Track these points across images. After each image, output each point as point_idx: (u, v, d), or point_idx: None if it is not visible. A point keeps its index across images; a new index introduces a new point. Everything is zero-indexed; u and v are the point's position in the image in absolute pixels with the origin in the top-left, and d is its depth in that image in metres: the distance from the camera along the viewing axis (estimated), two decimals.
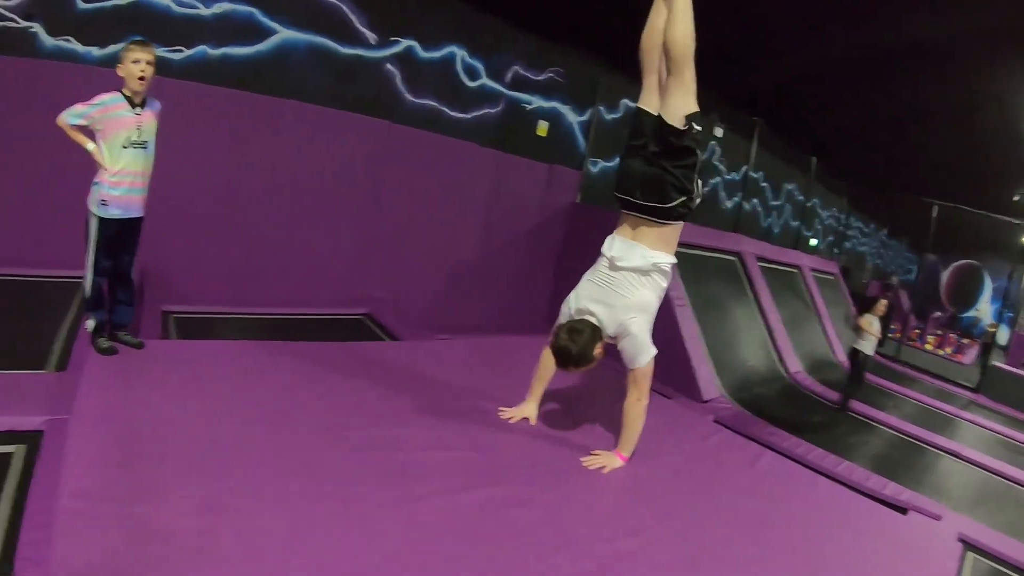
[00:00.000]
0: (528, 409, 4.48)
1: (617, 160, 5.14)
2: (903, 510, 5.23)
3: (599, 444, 4.28)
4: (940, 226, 16.53)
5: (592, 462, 4.02)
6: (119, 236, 4.46)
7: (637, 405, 4.08)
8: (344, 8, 8.55)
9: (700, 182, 3.98)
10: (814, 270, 13.88)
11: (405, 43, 9.09)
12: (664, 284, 4.08)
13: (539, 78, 10.52)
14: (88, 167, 4.34)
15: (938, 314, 26.39)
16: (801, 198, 18.63)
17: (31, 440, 3.51)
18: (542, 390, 4.51)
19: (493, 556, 2.91)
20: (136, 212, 4.52)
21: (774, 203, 18.13)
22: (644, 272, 3.96)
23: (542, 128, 10.71)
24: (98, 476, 2.89)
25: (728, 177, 15.50)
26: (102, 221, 4.34)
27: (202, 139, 7.48)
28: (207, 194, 7.64)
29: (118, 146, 4.30)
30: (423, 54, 9.27)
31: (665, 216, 3.90)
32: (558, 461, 3.95)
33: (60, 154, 6.74)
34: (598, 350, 3.94)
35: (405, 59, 9.12)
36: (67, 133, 4.22)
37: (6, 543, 2.72)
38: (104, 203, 4.31)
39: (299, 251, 8.25)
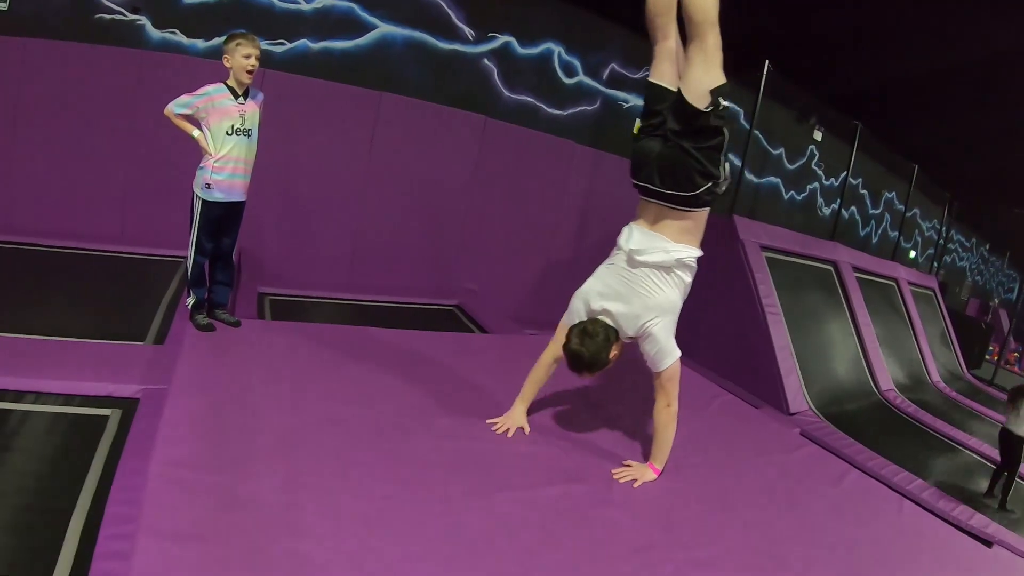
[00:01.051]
0: (518, 416, 4.02)
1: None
2: (988, 543, 5.00)
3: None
4: None
5: (624, 475, 3.70)
6: (221, 219, 4.61)
7: (666, 411, 3.74)
8: (442, 3, 8.66)
9: (727, 164, 3.59)
10: (912, 284, 13.42)
11: (502, 39, 9.15)
12: (689, 279, 3.75)
13: (636, 76, 10.44)
14: (194, 153, 4.50)
15: None
16: (901, 207, 18.07)
17: (127, 406, 3.63)
18: (534, 394, 4.10)
19: (569, 553, 2.89)
20: (239, 196, 4.67)
21: (873, 211, 17.67)
22: (667, 269, 3.64)
23: (637, 126, 10.59)
24: (190, 446, 3.00)
25: (827, 183, 15.17)
26: (205, 204, 4.49)
27: (303, 129, 7.66)
28: (307, 182, 7.83)
29: (222, 133, 4.44)
30: (520, 50, 9.31)
31: (689, 204, 3.53)
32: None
33: (167, 140, 7.07)
34: (614, 352, 3.65)
35: (502, 55, 9.18)
36: (173, 121, 4.38)
37: (96, 502, 2.81)
38: (208, 187, 4.46)
39: (393, 240, 8.37)
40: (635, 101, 10.53)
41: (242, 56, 4.41)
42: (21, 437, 3.24)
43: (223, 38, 7.14)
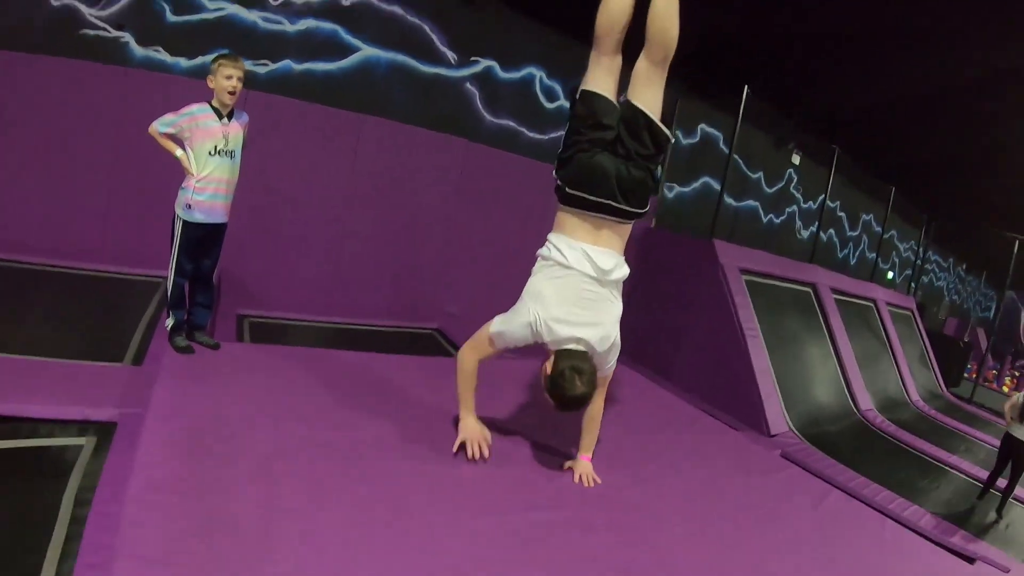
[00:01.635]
0: (475, 427, 3.85)
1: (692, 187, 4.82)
2: (971, 560, 5.03)
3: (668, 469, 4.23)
4: (1021, 262, 15.93)
5: (576, 478, 3.79)
6: (202, 240, 4.58)
7: (601, 404, 3.85)
8: (425, 27, 8.73)
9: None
10: (890, 304, 13.54)
11: (485, 63, 9.23)
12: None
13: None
14: (175, 172, 4.49)
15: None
16: (879, 229, 18.23)
17: (104, 430, 3.62)
18: (473, 401, 3.92)
19: None
20: (220, 218, 4.64)
21: (851, 233, 17.81)
22: (622, 281, 3.70)
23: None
24: (168, 469, 2.96)
25: (805, 206, 15.29)
26: (186, 224, 4.47)
27: (285, 150, 7.67)
28: (288, 203, 7.82)
29: (204, 153, 4.43)
30: (502, 74, 9.39)
31: (636, 217, 3.61)
32: (621, 487, 3.89)
33: (149, 158, 7.06)
34: None
35: (485, 79, 9.25)
36: (157, 140, 4.38)
37: (73, 528, 2.81)
38: (189, 207, 4.44)
39: (373, 263, 8.35)
40: None
41: (224, 77, 4.40)
42: None
43: (207, 57, 7.23)
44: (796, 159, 14.22)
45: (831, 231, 16.58)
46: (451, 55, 8.93)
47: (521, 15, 9.36)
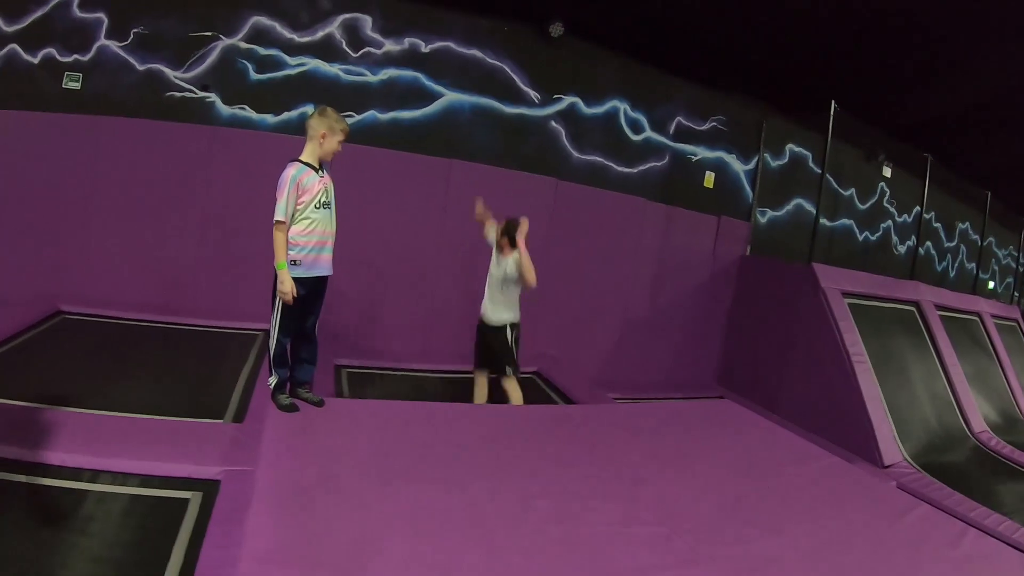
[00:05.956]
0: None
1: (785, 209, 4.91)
2: None
3: (780, 520, 4.08)
4: None
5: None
6: (306, 297, 4.54)
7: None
8: (506, 68, 8.76)
9: None
10: (995, 316, 12.99)
11: (568, 100, 9.21)
12: None
13: (702, 128, 10.39)
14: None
15: None
16: (976, 237, 17.57)
17: (208, 488, 3.63)
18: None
19: None
20: (324, 270, 4.66)
21: (948, 244, 17.22)
22: None
23: (709, 179, 10.55)
24: (278, 538, 2.94)
25: (900, 220, 14.84)
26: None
27: (375, 199, 7.79)
28: (380, 252, 7.94)
29: (310, 209, 4.46)
30: (586, 110, 9.35)
31: None
32: (751, 540, 3.73)
33: (238, 214, 7.24)
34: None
35: (569, 116, 9.23)
36: (279, 237, 4.38)
37: None
38: (295, 263, 4.44)
39: (468, 307, 8.30)
40: (703, 153, 10.49)
41: (338, 141, 4.52)
42: (98, 521, 3.23)
43: (293, 112, 7.36)
44: (887, 171, 13.81)
45: (927, 243, 16.04)
46: (534, 94, 8.94)
47: (599, 48, 9.34)
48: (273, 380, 4.67)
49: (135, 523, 3.27)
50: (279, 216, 4.33)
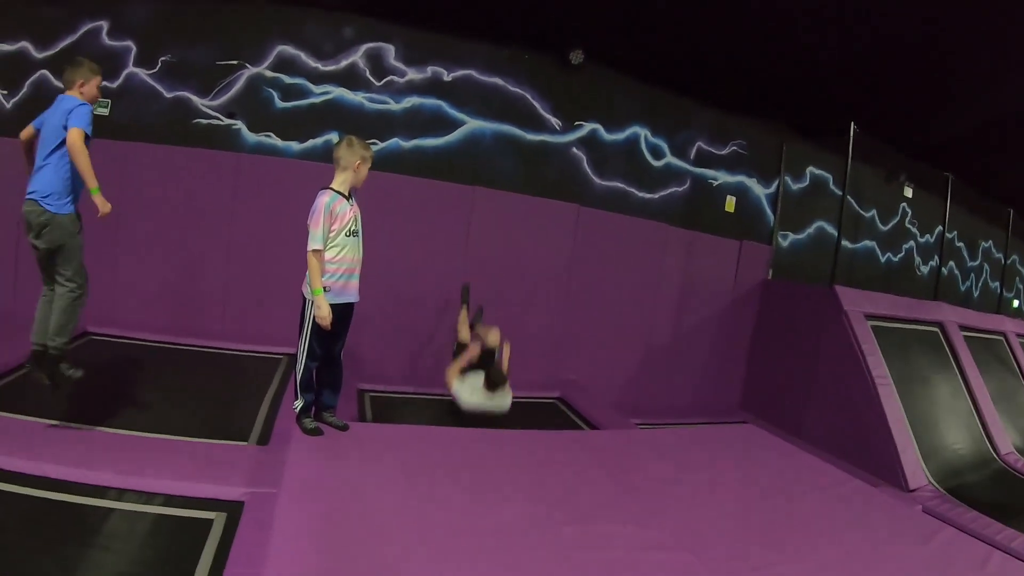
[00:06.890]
0: None
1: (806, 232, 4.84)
2: None
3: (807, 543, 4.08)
4: None
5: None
6: (334, 322, 4.57)
7: None
8: (528, 96, 8.83)
9: None
10: (1020, 336, 12.86)
11: (589, 126, 9.27)
12: None
13: (723, 152, 10.42)
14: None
15: None
16: (999, 256, 17.43)
17: (232, 510, 3.68)
18: None
19: None
20: (352, 297, 4.75)
21: (971, 263, 17.07)
22: None
23: (730, 204, 10.56)
24: (305, 563, 2.98)
25: (922, 240, 14.75)
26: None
27: (399, 226, 7.88)
28: (404, 278, 8.00)
29: (341, 236, 4.55)
30: (607, 136, 9.39)
31: None
32: (776, 563, 3.76)
33: (265, 239, 7.32)
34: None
35: (590, 142, 9.29)
36: (315, 266, 4.45)
37: None
38: (325, 289, 4.49)
39: None
40: (724, 178, 10.51)
41: (367, 169, 4.66)
42: (122, 539, 3.28)
43: (318, 139, 7.47)
44: (908, 192, 13.75)
45: (951, 263, 15.92)
46: (555, 121, 9.01)
47: (620, 75, 9.40)
48: (299, 404, 4.75)
49: (159, 542, 3.33)
50: (315, 245, 4.42)
